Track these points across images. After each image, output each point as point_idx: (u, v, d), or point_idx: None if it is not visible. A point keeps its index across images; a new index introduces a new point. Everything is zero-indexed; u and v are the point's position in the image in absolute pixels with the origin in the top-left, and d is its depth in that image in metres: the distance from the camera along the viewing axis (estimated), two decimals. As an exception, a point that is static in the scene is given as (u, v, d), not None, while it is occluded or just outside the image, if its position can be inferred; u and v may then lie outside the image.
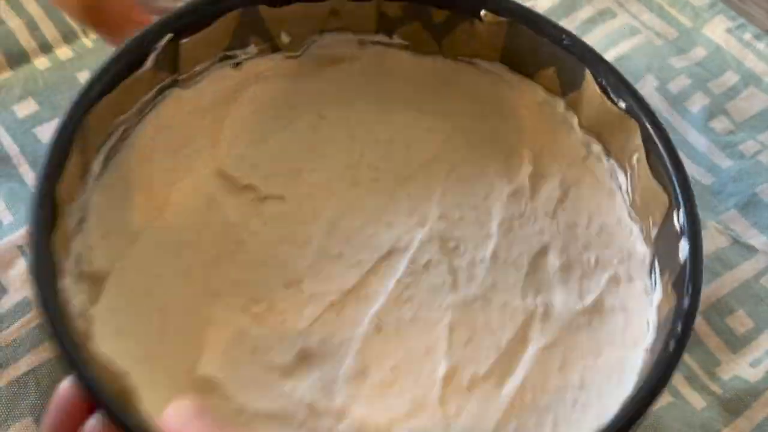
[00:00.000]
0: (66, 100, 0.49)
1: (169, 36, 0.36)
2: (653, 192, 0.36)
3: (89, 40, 0.52)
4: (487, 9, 0.39)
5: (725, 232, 0.47)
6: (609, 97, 0.38)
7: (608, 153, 0.40)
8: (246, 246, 0.36)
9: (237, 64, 0.40)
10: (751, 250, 0.47)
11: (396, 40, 0.41)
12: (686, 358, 0.44)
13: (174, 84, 0.38)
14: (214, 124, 0.38)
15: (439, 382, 0.34)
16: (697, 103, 0.51)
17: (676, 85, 0.52)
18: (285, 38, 0.40)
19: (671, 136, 0.36)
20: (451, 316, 0.35)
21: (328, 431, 0.32)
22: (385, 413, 0.33)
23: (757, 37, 0.54)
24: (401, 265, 0.36)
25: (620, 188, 0.39)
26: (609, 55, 0.52)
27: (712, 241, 0.47)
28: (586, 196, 0.39)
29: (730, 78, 0.52)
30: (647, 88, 0.51)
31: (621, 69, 0.38)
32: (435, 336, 0.34)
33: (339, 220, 0.37)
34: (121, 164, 0.36)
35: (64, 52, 0.51)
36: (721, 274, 0.46)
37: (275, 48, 0.40)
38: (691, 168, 0.49)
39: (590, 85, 0.38)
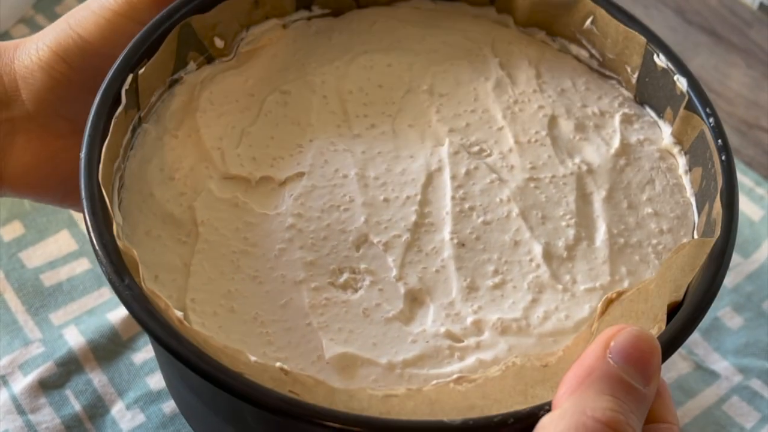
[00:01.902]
0: (50, 222, 0.51)
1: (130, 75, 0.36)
2: (626, 36, 0.40)
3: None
4: None
5: (688, 357, 0.48)
6: None
7: (552, 35, 0.43)
8: (297, 228, 0.36)
9: (179, 80, 0.40)
10: (713, 375, 0.48)
11: (316, 11, 0.43)
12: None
13: (139, 122, 0.38)
14: (191, 139, 0.38)
15: (542, 263, 0.35)
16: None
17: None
18: (219, 43, 0.40)
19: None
20: (516, 206, 0.37)
21: (477, 347, 0.33)
22: (514, 308, 0.34)
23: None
24: (446, 183, 0.37)
25: (578, 58, 0.42)
26: None
27: (674, 368, 0.48)
28: (556, 66, 0.42)
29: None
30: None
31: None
32: (513, 227, 0.36)
33: (365, 171, 0.38)
34: (130, 211, 0.36)
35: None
36: (684, 403, 0.47)
37: (210, 59, 0.41)
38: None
39: None
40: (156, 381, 0.46)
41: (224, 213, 0.36)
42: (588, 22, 0.41)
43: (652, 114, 0.40)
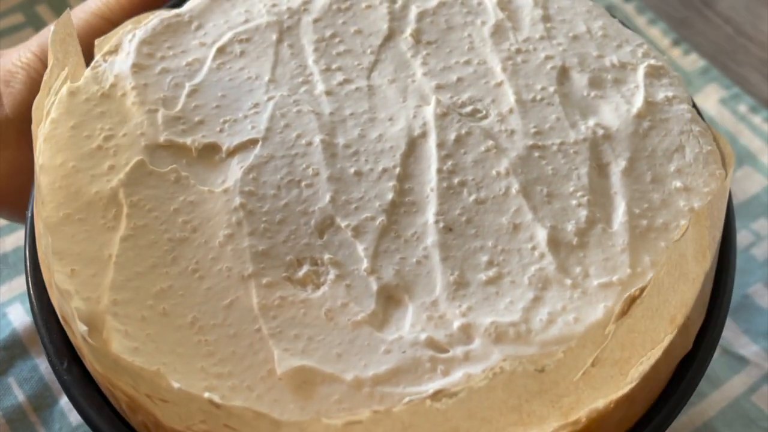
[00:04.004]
0: None
1: None
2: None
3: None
4: None
5: (714, 340, 0.43)
6: None
7: None
8: (248, 209, 0.30)
9: None
10: (741, 361, 0.43)
11: None
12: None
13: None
14: (123, 98, 0.32)
15: (547, 252, 0.29)
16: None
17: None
18: None
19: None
20: (516, 180, 0.31)
21: (465, 359, 0.27)
22: (511, 309, 0.28)
23: (754, 109, 0.50)
24: (431, 153, 0.31)
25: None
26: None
27: (699, 353, 0.43)
28: (568, 6, 0.36)
29: (723, 156, 0.48)
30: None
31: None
32: (513, 207, 0.30)
33: (333, 138, 0.32)
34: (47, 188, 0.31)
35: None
36: (708, 394, 0.42)
37: None
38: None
39: None
40: (111, 367, 0.42)
41: (159, 190, 0.30)
42: None
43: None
